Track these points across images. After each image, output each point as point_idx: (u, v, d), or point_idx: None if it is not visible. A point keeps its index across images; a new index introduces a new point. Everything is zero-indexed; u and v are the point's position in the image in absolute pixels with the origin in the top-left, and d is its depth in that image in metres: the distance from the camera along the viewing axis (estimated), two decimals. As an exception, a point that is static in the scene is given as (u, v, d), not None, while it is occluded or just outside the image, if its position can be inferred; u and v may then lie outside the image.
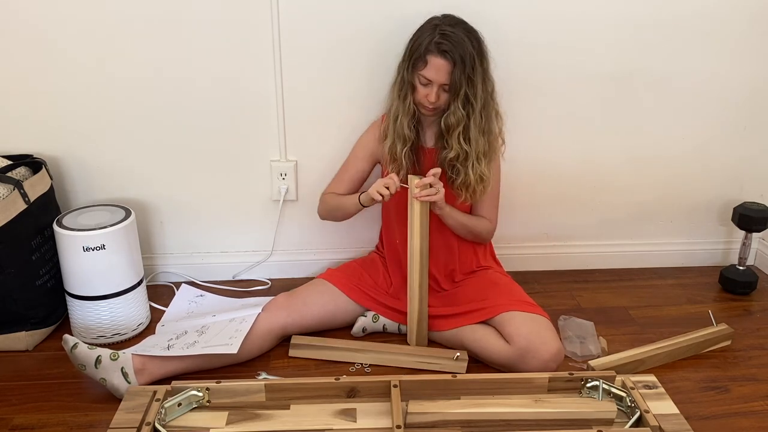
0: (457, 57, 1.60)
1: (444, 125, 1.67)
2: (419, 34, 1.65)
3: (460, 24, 1.64)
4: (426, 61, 1.62)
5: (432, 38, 1.61)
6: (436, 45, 1.60)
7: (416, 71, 1.64)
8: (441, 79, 1.62)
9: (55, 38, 1.81)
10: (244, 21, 1.83)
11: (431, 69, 1.62)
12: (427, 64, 1.62)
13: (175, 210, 2.03)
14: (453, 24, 1.63)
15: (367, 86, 1.90)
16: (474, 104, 1.64)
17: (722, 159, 2.11)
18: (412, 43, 1.66)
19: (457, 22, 1.65)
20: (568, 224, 2.16)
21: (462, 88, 1.62)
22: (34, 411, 1.52)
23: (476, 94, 1.63)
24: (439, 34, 1.60)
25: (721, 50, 1.97)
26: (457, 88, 1.62)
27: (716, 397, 1.58)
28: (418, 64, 1.64)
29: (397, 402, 1.36)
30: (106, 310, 1.75)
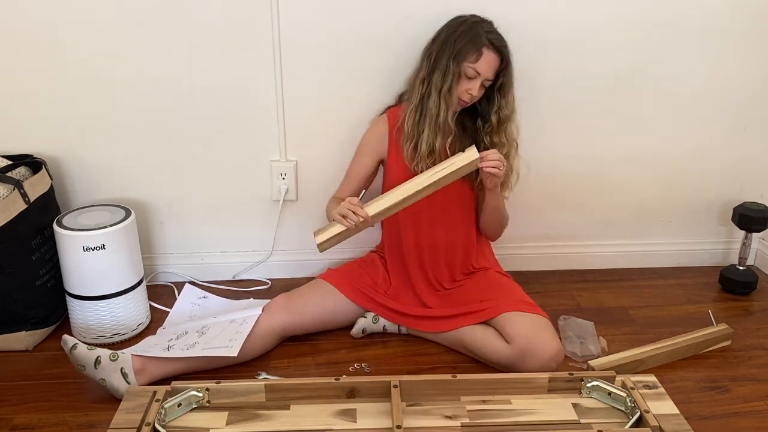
0: (507, 54, 1.67)
1: (496, 119, 1.72)
2: (466, 28, 1.66)
3: (490, 23, 1.71)
4: (480, 53, 1.63)
5: (485, 33, 1.64)
6: (491, 40, 1.64)
7: (466, 62, 1.64)
8: (489, 74, 1.66)
9: (56, 38, 1.81)
10: (245, 21, 1.83)
11: (483, 62, 1.64)
12: (481, 56, 1.63)
13: (175, 210, 2.03)
14: (484, 20, 1.70)
15: (367, 86, 1.90)
16: (512, 101, 1.73)
17: (722, 159, 2.11)
18: (458, 36, 1.65)
19: (484, 20, 1.71)
20: (568, 224, 2.16)
21: (510, 86, 1.71)
22: (34, 411, 1.52)
23: (512, 94, 1.73)
24: (491, 31, 1.66)
25: (721, 50, 1.97)
26: (507, 84, 1.71)
27: (716, 397, 1.58)
28: (469, 56, 1.64)
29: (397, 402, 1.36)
30: (106, 310, 1.75)
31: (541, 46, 1.91)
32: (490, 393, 1.45)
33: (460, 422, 1.37)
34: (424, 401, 1.43)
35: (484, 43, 1.63)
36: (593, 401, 1.44)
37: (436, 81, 1.67)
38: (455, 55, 1.64)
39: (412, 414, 1.39)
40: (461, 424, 1.37)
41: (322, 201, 2.02)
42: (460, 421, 1.38)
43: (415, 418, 1.38)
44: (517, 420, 1.38)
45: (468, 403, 1.43)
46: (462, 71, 1.65)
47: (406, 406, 1.41)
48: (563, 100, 1.99)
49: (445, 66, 1.65)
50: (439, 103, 1.67)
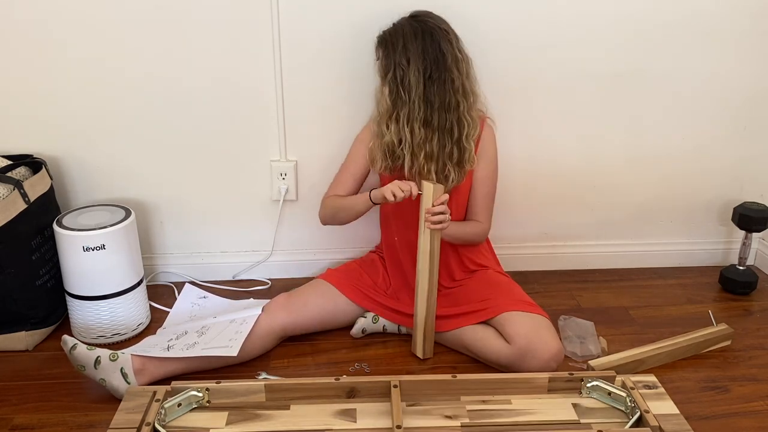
0: (385, 43, 1.66)
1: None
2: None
3: (419, 16, 1.68)
4: (376, 49, 1.72)
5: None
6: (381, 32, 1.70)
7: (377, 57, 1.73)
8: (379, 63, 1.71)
9: (56, 38, 1.81)
10: (245, 21, 1.83)
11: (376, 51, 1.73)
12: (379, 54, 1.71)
13: (175, 210, 2.03)
14: (413, 16, 1.68)
15: (367, 86, 1.90)
16: (405, 94, 1.65)
17: (722, 159, 2.11)
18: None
19: (418, 14, 1.69)
20: (568, 224, 2.16)
21: (389, 74, 1.65)
22: (34, 411, 1.52)
23: (410, 82, 1.63)
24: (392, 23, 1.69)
25: (721, 50, 1.97)
26: (384, 73, 1.67)
27: (716, 397, 1.58)
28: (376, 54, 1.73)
29: (397, 402, 1.36)
30: (106, 310, 1.75)
31: (541, 46, 1.91)
32: (490, 393, 1.45)
33: (460, 422, 1.37)
34: (424, 401, 1.43)
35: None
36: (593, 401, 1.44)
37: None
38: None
39: (412, 414, 1.39)
40: (461, 424, 1.37)
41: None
42: (460, 421, 1.38)
43: (415, 418, 1.38)
44: (517, 420, 1.38)
45: (468, 403, 1.43)
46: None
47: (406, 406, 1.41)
48: (563, 100, 1.99)
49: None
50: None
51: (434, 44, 1.64)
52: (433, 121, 1.66)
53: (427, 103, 1.64)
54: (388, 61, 1.66)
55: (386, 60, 1.66)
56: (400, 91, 1.65)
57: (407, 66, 1.63)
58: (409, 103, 1.64)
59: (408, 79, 1.63)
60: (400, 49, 1.64)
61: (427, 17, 1.68)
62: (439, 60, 1.63)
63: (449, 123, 1.66)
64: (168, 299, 1.98)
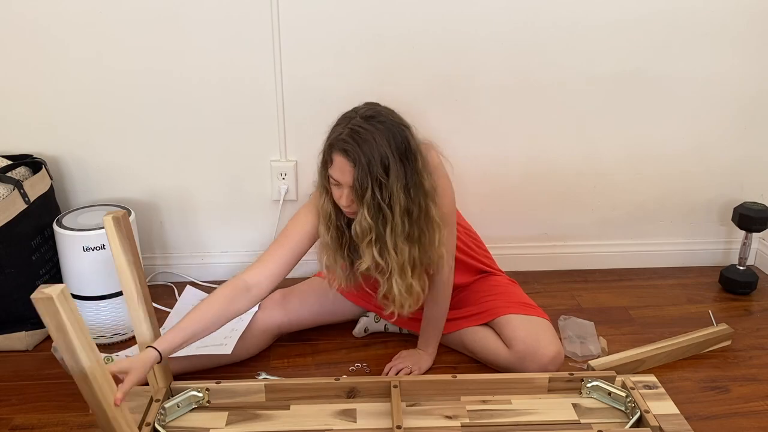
0: (359, 157, 1.33)
1: (353, 233, 1.43)
2: (335, 125, 1.41)
3: (377, 117, 1.37)
4: (332, 159, 1.38)
5: (340, 133, 1.36)
6: (340, 142, 1.36)
7: (326, 169, 1.41)
8: (347, 181, 1.37)
9: (55, 38, 1.81)
10: (245, 21, 1.83)
11: (336, 169, 1.38)
12: (333, 162, 1.38)
13: (174, 210, 2.03)
14: (369, 117, 1.37)
15: (367, 86, 1.90)
16: (389, 211, 1.38)
17: (722, 159, 2.11)
18: (327, 136, 1.42)
19: (373, 114, 1.38)
20: (568, 224, 2.16)
21: (367, 193, 1.35)
22: (34, 411, 1.51)
23: (391, 198, 1.37)
24: (348, 129, 1.36)
25: (721, 50, 1.97)
26: (360, 192, 1.36)
27: (716, 397, 1.58)
28: (327, 161, 1.40)
29: (397, 402, 1.36)
30: (106, 310, 1.75)
31: (541, 45, 1.91)
32: (490, 393, 1.45)
33: (460, 422, 1.37)
34: (424, 401, 1.43)
35: (334, 146, 1.37)
36: (593, 401, 1.44)
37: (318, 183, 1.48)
38: (321, 158, 1.43)
39: (412, 414, 1.39)
40: (461, 424, 1.37)
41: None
42: (460, 421, 1.38)
43: (415, 418, 1.38)
44: (517, 420, 1.38)
45: (468, 403, 1.43)
46: (327, 178, 1.42)
47: (406, 406, 1.41)
48: (563, 100, 1.99)
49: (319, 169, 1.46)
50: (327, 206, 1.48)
51: (405, 145, 1.38)
52: (413, 232, 1.42)
53: (408, 215, 1.40)
54: (362, 176, 1.34)
55: (361, 176, 1.34)
56: (382, 208, 1.37)
57: (386, 177, 1.35)
58: (393, 220, 1.39)
59: (390, 194, 1.36)
60: (377, 159, 1.34)
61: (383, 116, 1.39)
62: (411, 162, 1.39)
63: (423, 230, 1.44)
64: (168, 299, 1.98)
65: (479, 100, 1.96)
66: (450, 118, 1.96)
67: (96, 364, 1.00)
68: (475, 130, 1.98)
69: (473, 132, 1.99)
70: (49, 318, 0.93)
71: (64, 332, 0.94)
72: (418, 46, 1.86)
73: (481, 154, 2.01)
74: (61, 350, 0.97)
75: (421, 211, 1.42)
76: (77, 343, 0.96)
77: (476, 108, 1.96)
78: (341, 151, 1.36)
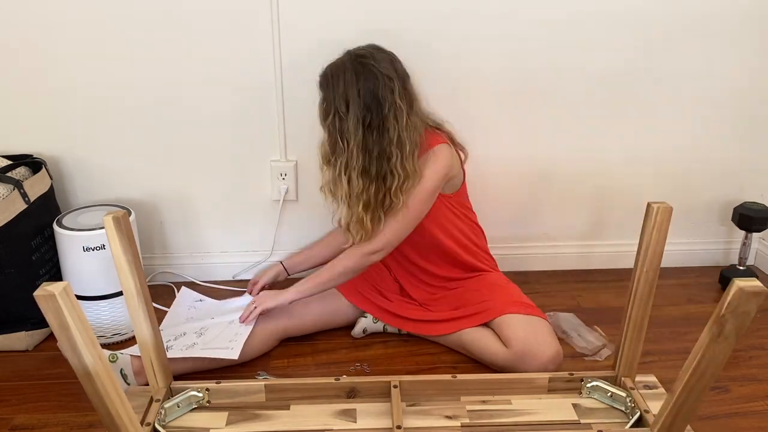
0: (327, 88, 1.58)
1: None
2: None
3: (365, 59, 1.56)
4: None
5: (329, 65, 1.62)
6: (322, 73, 1.61)
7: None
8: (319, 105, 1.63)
9: (55, 38, 1.81)
10: (245, 21, 1.83)
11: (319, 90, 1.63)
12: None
13: (175, 210, 2.03)
14: (357, 56, 1.58)
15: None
16: (342, 143, 1.57)
17: (722, 159, 2.11)
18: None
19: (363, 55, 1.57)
20: (568, 224, 2.16)
21: (327, 120, 1.59)
22: (34, 411, 1.51)
23: (347, 131, 1.56)
24: (334, 63, 1.60)
25: (721, 50, 1.97)
26: (323, 117, 1.60)
27: (716, 397, 1.58)
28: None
29: (397, 402, 1.37)
30: (106, 310, 1.75)
31: (541, 45, 1.91)
32: (490, 393, 1.45)
33: (460, 422, 1.38)
34: (424, 401, 1.43)
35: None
36: (593, 401, 1.44)
37: None
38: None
39: (412, 414, 1.39)
40: (461, 424, 1.37)
41: (322, 201, 2.01)
42: (460, 421, 1.38)
43: (415, 418, 1.38)
44: (517, 420, 1.38)
45: (468, 403, 1.43)
46: None
47: (406, 406, 1.41)
48: (563, 100, 1.99)
49: None
50: None
51: (374, 90, 1.54)
52: (371, 170, 1.57)
53: (366, 152, 1.56)
54: (327, 104, 1.59)
55: (326, 103, 1.59)
56: (338, 138, 1.57)
57: (346, 112, 1.55)
58: (347, 151, 1.57)
59: (347, 127, 1.55)
60: (341, 93, 1.55)
61: (371, 59, 1.56)
62: (378, 108, 1.54)
63: (384, 172, 1.58)
64: (168, 299, 1.98)
65: (478, 99, 1.96)
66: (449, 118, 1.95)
67: (99, 361, 1.00)
68: (475, 130, 1.98)
69: (473, 132, 1.98)
70: (52, 315, 0.93)
71: (66, 329, 0.95)
72: (417, 46, 1.86)
73: (481, 154, 2.00)
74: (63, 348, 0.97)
75: (382, 152, 1.56)
76: (80, 340, 0.96)
77: (476, 108, 1.96)
78: (319, 78, 1.61)
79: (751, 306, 0.97)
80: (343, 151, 1.57)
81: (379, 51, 1.60)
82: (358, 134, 1.54)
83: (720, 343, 1.02)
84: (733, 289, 0.97)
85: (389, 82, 1.55)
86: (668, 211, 1.33)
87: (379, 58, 1.57)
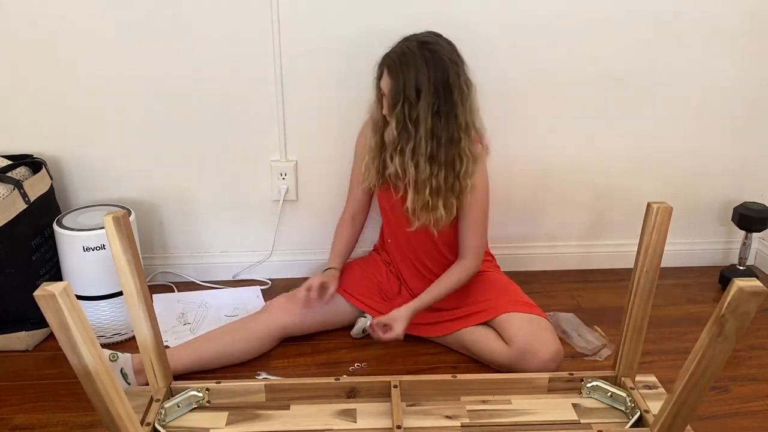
0: (398, 75, 1.55)
1: (385, 140, 1.64)
2: (395, 45, 1.62)
3: (430, 45, 1.57)
4: (381, 72, 1.61)
5: (393, 51, 1.59)
6: (388, 58, 1.59)
7: (379, 80, 1.63)
8: (387, 90, 1.60)
9: (55, 38, 1.81)
10: (245, 22, 1.83)
11: (383, 81, 1.61)
12: (382, 75, 1.61)
13: (175, 210, 2.03)
14: (423, 42, 1.57)
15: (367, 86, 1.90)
16: (413, 129, 1.58)
17: (722, 159, 2.11)
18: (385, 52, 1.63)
19: (428, 41, 1.58)
20: (568, 224, 2.16)
21: (397, 107, 1.57)
22: (34, 411, 1.51)
23: (417, 118, 1.56)
24: (399, 48, 1.58)
25: (721, 50, 1.97)
26: (392, 105, 1.58)
27: (716, 397, 1.58)
28: (379, 74, 1.63)
29: (397, 402, 1.37)
30: (106, 310, 1.75)
31: (541, 46, 1.91)
32: (490, 393, 1.45)
33: (460, 422, 1.38)
34: (424, 401, 1.43)
35: (383, 60, 1.61)
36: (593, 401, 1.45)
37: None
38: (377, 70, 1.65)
39: (412, 414, 1.40)
40: (461, 424, 1.37)
41: (322, 201, 2.02)
42: (460, 421, 1.38)
43: (415, 418, 1.38)
44: (517, 420, 1.38)
45: (468, 403, 1.43)
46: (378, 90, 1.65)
47: (406, 406, 1.41)
48: (563, 100, 1.99)
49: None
50: (378, 119, 1.68)
51: (444, 77, 1.55)
52: (439, 156, 1.59)
53: (434, 138, 1.58)
54: (396, 92, 1.56)
55: (395, 91, 1.57)
56: (407, 124, 1.57)
57: (417, 99, 1.55)
58: (416, 137, 1.58)
59: (417, 114, 1.56)
60: (412, 81, 1.54)
61: (437, 46, 1.57)
62: (447, 94, 1.56)
63: (452, 157, 1.61)
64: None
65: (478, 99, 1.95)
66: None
67: (99, 361, 1.00)
68: (475, 130, 1.98)
69: (473, 132, 1.99)
70: (52, 315, 0.93)
71: (66, 329, 0.95)
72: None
73: (481, 154, 2.01)
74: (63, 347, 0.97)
75: (450, 138, 1.58)
76: (80, 339, 0.96)
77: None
78: (386, 66, 1.58)
79: (751, 306, 0.97)
80: (411, 138, 1.58)
81: (440, 37, 1.61)
82: (428, 121, 1.56)
83: (720, 343, 1.02)
84: (733, 289, 0.97)
85: (456, 67, 1.57)
86: (668, 211, 1.33)
87: (443, 44, 1.59)
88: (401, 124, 1.58)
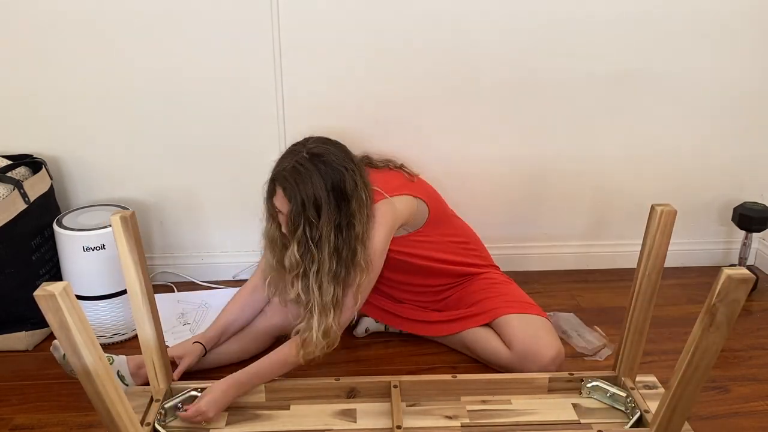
0: (295, 195, 1.40)
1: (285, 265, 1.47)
2: (281, 157, 1.47)
3: (322, 156, 1.42)
4: (275, 190, 1.45)
5: (284, 168, 1.43)
6: (281, 177, 1.42)
7: (271, 198, 1.47)
8: (285, 212, 1.44)
9: (55, 38, 1.81)
10: (245, 20, 1.83)
11: (278, 199, 1.44)
12: (276, 194, 1.45)
13: (175, 210, 2.03)
14: (314, 155, 1.42)
15: (367, 86, 1.91)
16: (316, 250, 1.42)
17: (722, 159, 2.11)
18: (274, 167, 1.48)
19: (320, 153, 1.43)
20: (568, 224, 2.16)
21: (298, 230, 1.41)
22: (34, 411, 1.51)
23: (321, 238, 1.41)
24: (291, 165, 1.42)
25: (721, 50, 1.97)
26: (293, 228, 1.42)
27: (716, 397, 1.58)
28: (271, 192, 1.47)
29: (397, 402, 1.37)
30: (106, 310, 1.75)
31: (541, 45, 1.91)
32: (490, 393, 1.45)
33: (460, 422, 1.38)
34: (424, 401, 1.43)
35: (276, 177, 1.44)
36: (593, 401, 1.45)
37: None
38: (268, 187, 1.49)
39: (412, 414, 1.40)
40: (461, 424, 1.37)
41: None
42: (460, 421, 1.38)
43: (415, 418, 1.38)
44: (517, 420, 1.38)
45: (468, 403, 1.43)
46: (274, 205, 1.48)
47: (406, 406, 1.41)
48: (563, 99, 1.98)
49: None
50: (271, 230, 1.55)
51: (342, 188, 1.42)
52: (339, 272, 1.45)
53: (336, 255, 1.44)
54: (296, 214, 1.41)
55: (294, 213, 1.41)
56: (310, 246, 1.42)
57: (317, 218, 1.40)
58: (320, 259, 1.43)
59: (320, 234, 1.41)
60: (311, 200, 1.39)
61: (329, 156, 1.43)
62: (346, 206, 1.43)
63: (349, 271, 1.47)
64: (168, 299, 1.99)
65: (479, 99, 1.96)
66: (450, 117, 1.96)
67: (99, 361, 1.00)
68: (475, 130, 1.98)
69: (473, 132, 1.99)
70: (52, 315, 0.93)
71: (66, 329, 0.95)
72: (417, 46, 1.86)
73: (481, 154, 2.01)
74: (63, 348, 0.98)
75: (350, 251, 1.45)
76: (80, 340, 0.96)
77: (476, 108, 1.96)
78: (281, 186, 1.43)
79: (740, 293, 0.98)
80: (315, 260, 1.43)
81: (329, 143, 1.48)
82: (331, 238, 1.42)
83: (712, 333, 1.03)
84: (722, 278, 0.97)
85: (352, 175, 1.45)
86: (672, 214, 1.33)
87: (334, 151, 1.46)
88: (303, 246, 1.43)
